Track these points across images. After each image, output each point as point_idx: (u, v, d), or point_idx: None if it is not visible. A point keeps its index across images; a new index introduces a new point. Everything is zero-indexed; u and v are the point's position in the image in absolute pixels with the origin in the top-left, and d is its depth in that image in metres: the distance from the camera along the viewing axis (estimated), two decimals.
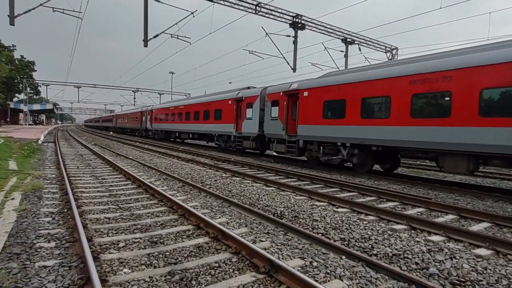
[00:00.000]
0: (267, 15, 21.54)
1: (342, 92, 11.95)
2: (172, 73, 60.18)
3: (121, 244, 4.26)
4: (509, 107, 7.70)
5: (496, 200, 8.13)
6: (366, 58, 26.48)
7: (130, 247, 4.22)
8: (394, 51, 28.52)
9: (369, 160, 11.75)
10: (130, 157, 15.44)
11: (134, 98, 66.62)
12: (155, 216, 5.71)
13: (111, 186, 8.33)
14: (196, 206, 6.57)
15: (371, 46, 27.58)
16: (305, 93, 13.63)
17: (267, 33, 22.09)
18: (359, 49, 26.76)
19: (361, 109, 11.25)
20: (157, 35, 19.42)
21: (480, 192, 8.84)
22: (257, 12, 20.96)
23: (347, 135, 11.72)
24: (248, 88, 19.26)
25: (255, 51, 24.29)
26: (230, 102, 19.29)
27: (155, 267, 3.65)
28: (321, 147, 13.03)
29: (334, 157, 12.53)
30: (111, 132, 50.77)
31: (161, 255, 3.97)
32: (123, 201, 6.74)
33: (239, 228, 5.21)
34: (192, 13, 18.36)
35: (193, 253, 4.08)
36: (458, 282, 3.61)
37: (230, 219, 5.74)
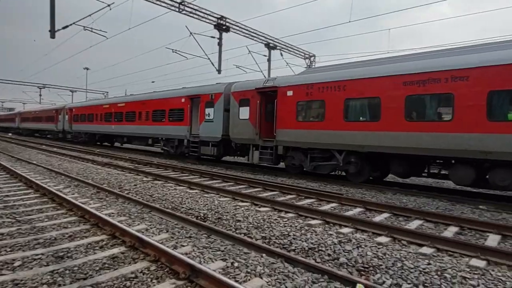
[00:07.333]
0: (191, 15, 21.09)
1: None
2: (87, 69, 54.83)
3: (16, 263, 3.71)
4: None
5: (395, 193, 9.32)
6: (287, 63, 27.89)
7: (29, 265, 3.70)
8: (312, 58, 30.60)
9: (134, 141, 22.71)
10: (34, 162, 13.60)
11: (40, 95, 58.71)
12: (62, 228, 5.12)
13: (7, 196, 7.21)
14: (112, 213, 6.09)
15: (291, 52, 29.09)
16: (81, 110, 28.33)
17: (191, 33, 21.64)
18: (281, 54, 28.04)
19: (114, 117, 23.54)
20: (66, 26, 17.41)
21: (383, 186, 10.04)
22: (180, 10, 20.36)
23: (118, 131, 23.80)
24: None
25: (178, 50, 23.59)
26: (54, 111, 33.67)
27: (59, 285, 3.27)
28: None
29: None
30: (10, 134, 45.50)
31: (67, 271, 3.56)
32: (22, 213, 5.88)
33: (159, 234, 4.98)
34: (109, 5, 16.97)
35: (106, 265, 3.76)
36: (363, 269, 4.03)
37: (150, 225, 5.46)
